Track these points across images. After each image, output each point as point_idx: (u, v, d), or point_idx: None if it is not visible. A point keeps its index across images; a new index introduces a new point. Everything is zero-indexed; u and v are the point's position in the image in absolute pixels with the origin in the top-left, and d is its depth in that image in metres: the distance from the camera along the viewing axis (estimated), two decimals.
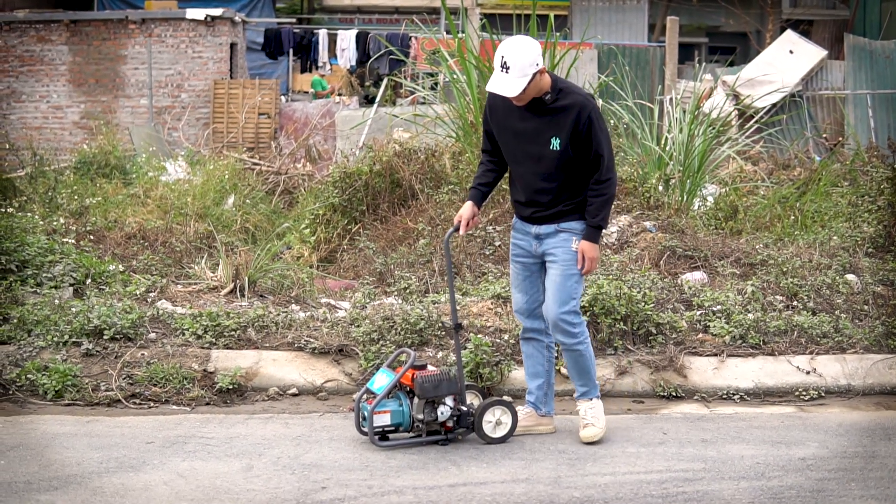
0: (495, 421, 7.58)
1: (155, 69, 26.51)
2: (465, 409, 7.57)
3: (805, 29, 35.75)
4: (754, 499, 6.63)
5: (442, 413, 7.49)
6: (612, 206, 7.54)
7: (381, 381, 7.52)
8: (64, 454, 7.23)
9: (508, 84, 7.17)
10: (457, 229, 7.72)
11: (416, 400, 7.47)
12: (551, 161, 7.38)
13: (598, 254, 7.54)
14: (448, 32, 18.45)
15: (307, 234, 12.85)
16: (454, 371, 7.65)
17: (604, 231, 8.24)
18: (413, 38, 27.41)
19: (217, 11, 26.75)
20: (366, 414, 7.43)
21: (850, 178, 15.85)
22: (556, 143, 7.33)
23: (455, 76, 13.94)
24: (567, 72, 14.15)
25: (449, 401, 7.53)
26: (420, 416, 7.47)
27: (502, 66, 7.17)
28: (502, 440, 7.56)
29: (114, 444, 7.44)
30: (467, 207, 7.72)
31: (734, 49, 37.71)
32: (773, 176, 17.33)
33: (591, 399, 7.80)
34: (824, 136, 24.70)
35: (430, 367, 7.63)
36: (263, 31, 30.91)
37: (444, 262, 10.97)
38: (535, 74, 7.17)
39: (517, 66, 7.13)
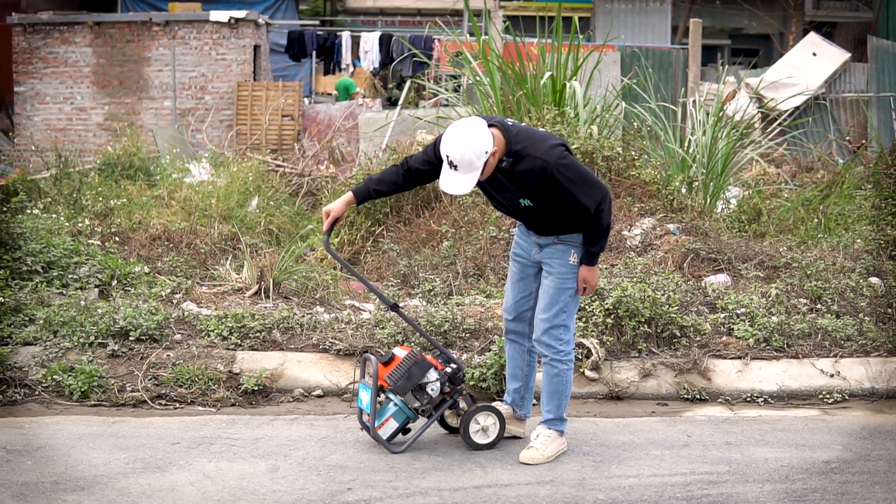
0: (481, 427, 7.52)
1: (179, 71, 26.58)
2: (450, 369, 7.53)
3: (828, 31, 35.66)
4: (778, 502, 6.63)
5: (432, 390, 7.45)
6: (610, 230, 7.32)
7: (365, 397, 7.49)
8: (90, 455, 7.27)
9: (459, 183, 6.89)
10: (328, 233, 7.48)
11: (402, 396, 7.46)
12: (529, 213, 7.22)
13: (597, 278, 7.35)
14: (471, 35, 18.46)
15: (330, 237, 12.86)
16: (415, 350, 7.57)
17: (626, 234, 8.17)
18: (436, 41, 27.44)
19: (241, 14, 26.79)
20: (373, 434, 7.43)
21: (874, 180, 15.80)
22: (526, 202, 7.12)
23: (478, 78, 13.96)
24: (590, 74, 14.17)
25: (431, 374, 7.45)
26: (416, 405, 7.46)
27: (449, 165, 6.88)
28: (490, 446, 7.51)
29: (140, 445, 7.48)
30: (341, 202, 7.40)
31: (757, 51, 37.63)
32: (797, 179, 17.31)
33: (552, 430, 7.49)
34: (847, 138, 24.63)
35: (396, 352, 7.51)
36: (287, 34, 30.94)
37: (467, 265, 10.99)
38: (485, 162, 6.87)
39: (464, 163, 6.84)
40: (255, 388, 8.69)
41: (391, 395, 7.47)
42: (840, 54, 26.90)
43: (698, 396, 8.91)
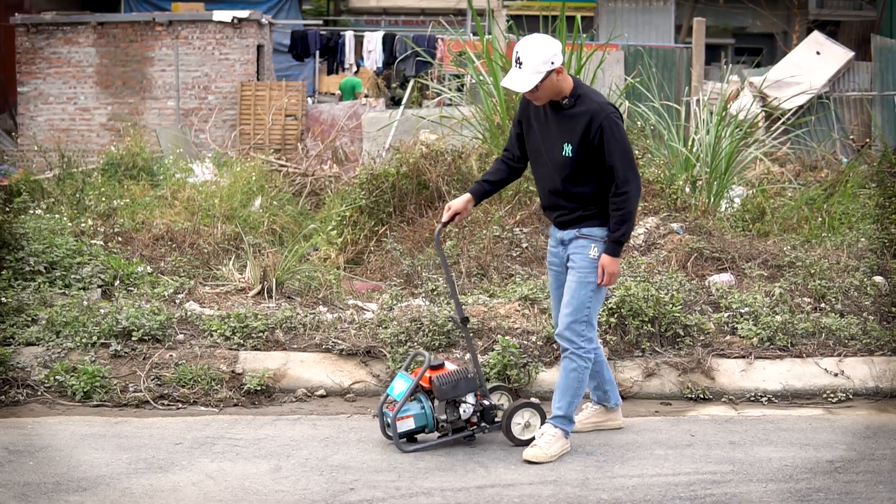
0: (524, 423, 7.57)
1: (182, 71, 26.58)
2: (487, 403, 7.56)
3: (832, 30, 35.63)
4: (782, 501, 6.61)
5: (464, 411, 7.49)
6: (634, 220, 7.36)
7: (400, 386, 7.51)
8: (92, 455, 7.26)
9: (520, 79, 7.14)
10: (445, 224, 7.65)
11: (436, 402, 7.46)
12: (565, 167, 7.30)
13: (618, 268, 7.37)
14: (475, 34, 18.45)
15: (334, 236, 12.86)
16: (471, 368, 7.63)
17: (632, 233, 8.14)
18: (439, 40, 27.43)
19: (244, 13, 26.80)
20: (389, 421, 7.43)
21: (878, 179, 15.78)
22: (567, 149, 7.25)
23: (482, 78, 13.95)
24: (594, 73, 14.15)
25: (470, 398, 7.52)
26: (443, 417, 7.46)
27: (516, 62, 7.16)
28: (530, 442, 7.54)
29: (142, 445, 7.47)
30: (461, 200, 7.61)
31: (761, 50, 37.60)
32: (800, 177, 17.28)
33: (558, 428, 7.46)
34: (851, 137, 24.60)
35: (447, 365, 7.61)
36: (290, 33, 30.93)
37: (470, 265, 10.97)
38: (549, 73, 7.11)
39: (530, 62, 7.09)
40: (258, 388, 8.68)
41: (423, 398, 7.50)
42: (844, 53, 26.88)
43: (702, 396, 8.89)
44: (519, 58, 7.13)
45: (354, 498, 6.55)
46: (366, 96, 28.51)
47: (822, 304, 10.26)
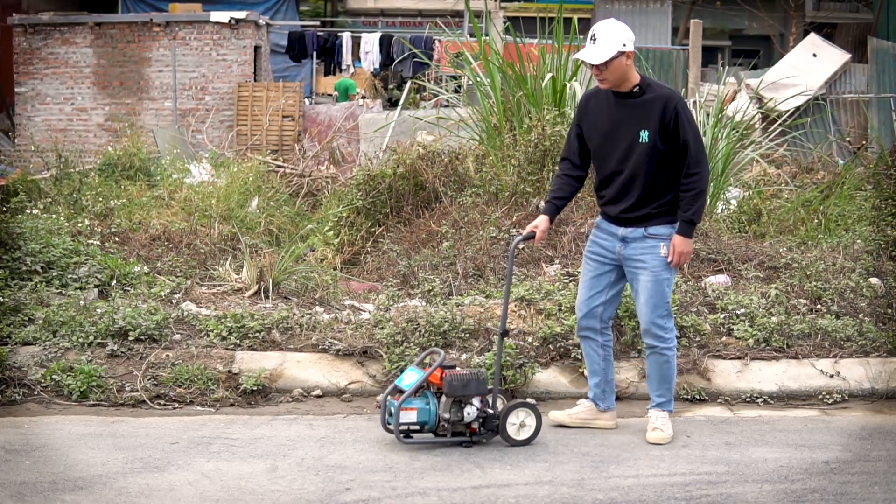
0: (519, 423, 7.59)
1: (179, 72, 26.59)
2: (491, 411, 7.58)
3: (828, 32, 35.66)
4: (778, 502, 6.62)
5: (468, 413, 7.50)
6: (705, 201, 7.76)
7: (410, 378, 7.55)
8: (88, 454, 7.26)
9: (593, 52, 7.45)
10: (529, 238, 7.86)
11: (443, 399, 7.48)
12: (641, 154, 7.56)
13: (691, 248, 7.65)
14: (472, 36, 18.46)
15: (331, 237, 12.87)
16: (483, 372, 7.66)
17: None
18: (436, 41, 27.44)
19: (241, 14, 26.82)
20: (392, 410, 7.45)
21: (874, 181, 15.79)
22: (644, 136, 7.53)
23: (479, 79, 13.95)
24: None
25: (476, 402, 7.54)
26: (446, 416, 7.47)
27: (591, 39, 7.49)
28: (526, 442, 7.58)
29: (138, 445, 7.47)
30: (544, 221, 7.86)
31: (757, 52, 37.63)
32: (797, 179, 17.29)
33: (664, 411, 7.92)
34: (848, 139, 24.64)
35: (458, 369, 7.64)
36: (287, 34, 30.94)
37: (467, 266, 10.98)
38: (619, 53, 7.41)
39: (604, 40, 7.42)
40: (255, 388, 8.68)
41: (429, 395, 7.54)
42: (840, 55, 26.92)
43: (698, 397, 8.90)
44: (594, 35, 7.47)
45: (350, 498, 6.56)
46: (362, 97, 28.52)
47: (818, 306, 10.27)
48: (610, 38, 7.41)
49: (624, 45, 7.40)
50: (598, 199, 7.93)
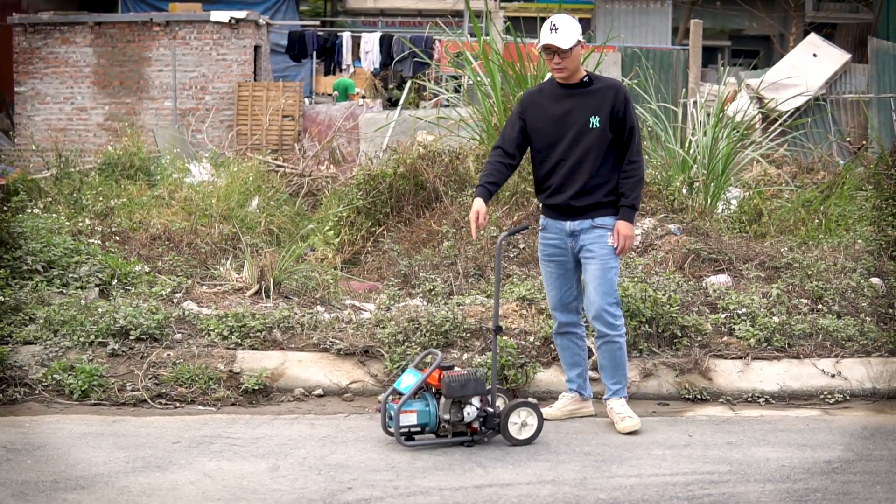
0: (521, 422, 7.59)
1: (179, 71, 26.58)
2: (491, 410, 7.57)
3: (828, 32, 35.64)
4: (780, 501, 6.61)
5: (468, 413, 7.50)
6: (642, 189, 8.08)
7: (408, 380, 7.54)
8: (90, 454, 7.25)
9: (559, 37, 7.68)
10: (518, 231, 8.14)
11: (442, 400, 7.48)
12: (591, 140, 7.81)
13: (633, 233, 7.87)
14: (472, 35, 18.45)
15: (331, 236, 12.86)
16: (481, 371, 7.66)
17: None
18: (437, 41, 27.43)
19: (241, 14, 26.80)
20: (392, 413, 7.45)
21: (875, 181, 15.78)
22: (595, 121, 7.80)
23: (479, 79, 13.94)
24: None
25: (476, 401, 7.53)
26: (446, 417, 7.47)
27: (552, 29, 7.72)
28: (528, 442, 7.57)
29: (140, 444, 7.46)
30: (480, 204, 7.90)
31: (757, 52, 37.63)
32: (797, 179, 17.29)
33: (622, 398, 8.11)
34: (848, 139, 24.62)
35: (457, 369, 7.63)
36: (287, 34, 30.92)
37: (468, 265, 10.98)
38: (578, 42, 7.74)
39: (565, 28, 7.71)
40: (256, 387, 8.68)
41: (429, 397, 7.54)
42: (841, 55, 26.90)
43: (699, 396, 8.90)
44: (555, 25, 7.72)
45: (352, 497, 6.55)
46: (362, 97, 28.50)
47: (820, 306, 10.26)
48: (571, 29, 7.71)
49: (580, 37, 7.77)
50: (541, 195, 8.08)
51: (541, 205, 8.22)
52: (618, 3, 35.03)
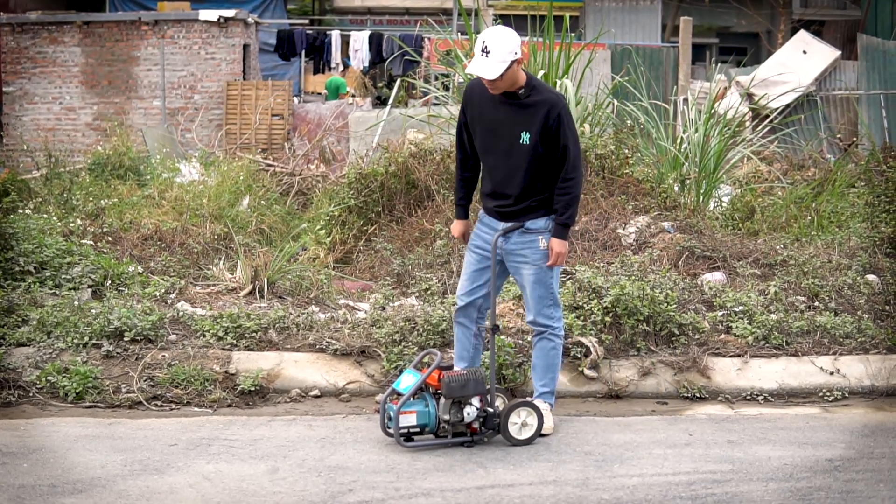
0: (521, 422, 7.55)
1: (168, 70, 26.49)
2: (491, 410, 7.53)
3: (816, 29, 35.67)
4: (784, 500, 6.59)
5: (468, 414, 7.46)
6: (579, 206, 7.93)
7: (407, 381, 7.49)
8: (87, 457, 7.20)
9: (488, 67, 7.39)
10: (508, 231, 7.81)
11: (442, 400, 7.44)
12: (521, 155, 7.63)
13: (566, 249, 7.74)
14: (463, 33, 18.42)
15: (322, 236, 12.81)
16: (481, 371, 7.61)
17: (621, 233, 8.28)
18: (426, 39, 27.38)
19: (230, 13, 26.71)
20: (391, 414, 7.40)
21: (866, 178, 15.79)
22: (525, 138, 7.58)
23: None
24: (582, 72, 14.13)
25: (476, 401, 7.49)
26: (446, 417, 7.43)
27: (483, 51, 7.41)
28: (528, 442, 7.54)
29: (137, 447, 7.41)
30: (463, 225, 8.14)
31: (745, 50, 37.66)
32: (788, 176, 17.29)
33: (547, 403, 7.95)
34: (838, 136, 24.65)
35: (456, 369, 7.58)
36: (276, 33, 30.85)
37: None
38: (512, 62, 7.40)
39: (497, 51, 7.36)
40: (252, 388, 8.62)
41: (428, 397, 7.50)
42: (830, 52, 26.92)
43: (698, 395, 8.87)
44: (486, 47, 7.40)
45: (353, 499, 6.50)
46: (352, 96, 28.45)
47: (816, 303, 10.24)
48: (502, 50, 7.37)
49: (515, 52, 7.42)
50: (482, 188, 8.02)
51: None
52: (607, 1, 35.00)
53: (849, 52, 30.79)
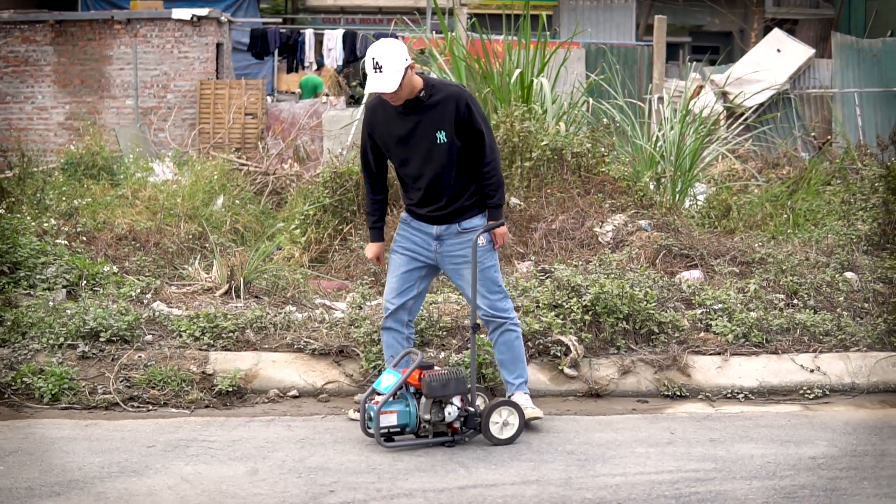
0: (502, 422, 7.51)
1: (140, 69, 26.34)
2: (472, 409, 7.48)
3: (790, 28, 35.73)
4: (768, 498, 6.56)
5: (449, 413, 7.41)
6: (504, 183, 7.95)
7: (388, 381, 7.43)
8: (64, 459, 7.12)
9: (385, 81, 7.40)
10: (489, 229, 7.80)
11: (423, 400, 7.39)
12: (441, 155, 7.63)
13: (506, 229, 7.87)
14: (439, 32, 18.36)
15: (297, 235, 12.73)
16: (462, 370, 7.56)
17: (598, 231, 8.21)
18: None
19: (203, 11, 26.57)
20: (372, 414, 7.34)
21: (841, 176, 15.83)
22: (442, 137, 7.60)
23: (445, 75, 13.85)
24: (557, 71, 14.11)
25: (457, 401, 7.44)
26: (427, 417, 7.38)
27: (375, 68, 7.43)
28: (509, 441, 7.49)
29: (114, 449, 7.33)
30: (377, 248, 8.15)
31: (717, 48, 37.70)
32: (763, 174, 17.31)
33: (525, 393, 7.99)
34: (813, 134, 24.70)
35: (436, 368, 7.53)
36: (249, 32, 30.74)
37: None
38: (406, 70, 7.42)
39: (389, 64, 7.39)
40: (230, 389, 8.54)
41: (409, 397, 7.45)
42: (804, 50, 26.99)
43: (678, 393, 8.83)
44: (377, 63, 7.42)
45: (335, 500, 6.44)
46: (326, 95, 28.36)
47: (795, 301, 10.24)
48: (394, 61, 7.39)
49: (406, 59, 7.44)
50: (405, 200, 7.98)
51: None
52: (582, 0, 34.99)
53: (822, 51, 30.87)
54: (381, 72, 7.39)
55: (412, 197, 7.82)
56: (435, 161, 7.63)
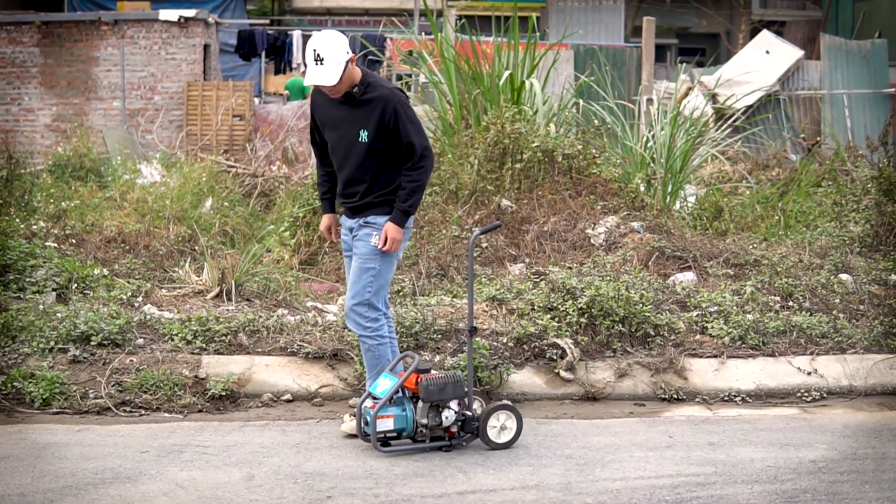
0: (500, 426, 7.44)
1: (127, 71, 26.21)
2: (469, 413, 7.41)
3: (777, 29, 35.74)
4: (770, 503, 6.50)
5: (446, 418, 7.34)
6: (423, 195, 7.99)
7: (385, 385, 7.36)
8: (57, 465, 7.03)
9: (325, 74, 7.39)
10: (485, 231, 7.88)
11: (420, 404, 7.32)
12: (361, 153, 7.61)
13: (401, 237, 7.63)
14: (428, 33, 18.30)
15: (287, 237, 12.66)
16: (459, 374, 7.49)
17: (590, 233, 8.12)
18: (388, 39, 27.25)
19: (190, 13, 26.44)
20: (368, 419, 7.27)
21: (832, 177, 15.81)
22: (364, 136, 7.57)
23: (435, 77, 13.80)
24: (547, 72, 14.07)
25: (454, 405, 7.38)
26: (424, 421, 7.32)
27: (316, 60, 7.41)
28: (507, 445, 7.42)
29: (107, 454, 7.24)
30: (328, 219, 8.10)
31: (704, 50, 37.71)
32: (752, 176, 17.29)
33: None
34: (802, 136, 24.68)
35: (433, 372, 7.46)
36: (237, 33, 30.63)
37: (430, 265, 10.83)
38: (347, 63, 7.41)
39: (331, 56, 7.37)
40: (223, 393, 8.45)
41: (406, 401, 7.38)
42: (793, 52, 26.99)
43: (675, 396, 8.78)
44: (319, 55, 7.39)
45: None
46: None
47: (791, 303, 10.19)
48: (336, 53, 7.37)
49: (347, 52, 7.42)
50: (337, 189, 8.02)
51: None
52: (570, 1, 34.95)
53: (809, 52, 30.86)
54: (321, 64, 7.37)
55: (339, 187, 7.87)
56: (353, 157, 7.64)
